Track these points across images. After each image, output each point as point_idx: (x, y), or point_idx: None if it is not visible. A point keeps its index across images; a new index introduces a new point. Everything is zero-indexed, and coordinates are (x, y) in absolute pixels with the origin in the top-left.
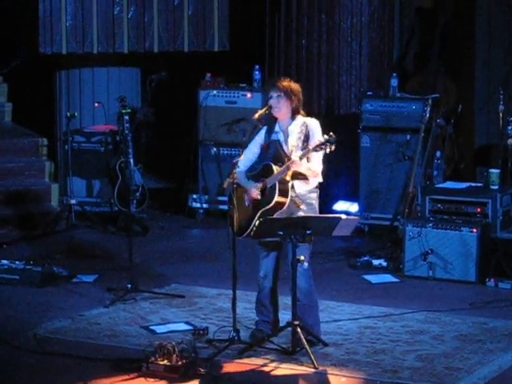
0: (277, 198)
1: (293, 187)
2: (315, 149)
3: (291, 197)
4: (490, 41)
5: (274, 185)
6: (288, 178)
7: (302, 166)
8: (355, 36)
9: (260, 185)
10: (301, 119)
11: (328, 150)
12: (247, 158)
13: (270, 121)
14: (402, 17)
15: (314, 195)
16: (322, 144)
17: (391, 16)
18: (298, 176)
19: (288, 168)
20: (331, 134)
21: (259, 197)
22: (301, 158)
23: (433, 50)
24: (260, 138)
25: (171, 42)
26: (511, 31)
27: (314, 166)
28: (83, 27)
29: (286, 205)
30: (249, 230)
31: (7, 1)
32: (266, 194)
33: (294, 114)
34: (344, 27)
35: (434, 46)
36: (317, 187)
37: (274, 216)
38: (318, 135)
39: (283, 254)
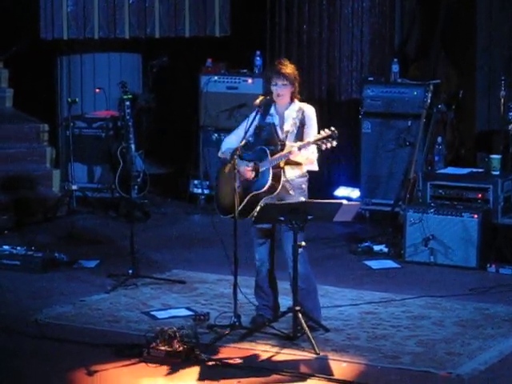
0: (270, 183)
1: (284, 172)
2: (316, 142)
3: (282, 181)
4: (492, 26)
5: (268, 169)
6: (282, 163)
7: (302, 156)
8: (356, 21)
9: (251, 165)
10: (297, 104)
11: (329, 146)
12: (239, 135)
13: (266, 102)
14: (403, 2)
15: (304, 179)
16: (324, 138)
17: (392, 1)
18: (292, 162)
19: (285, 157)
20: (333, 129)
21: (252, 176)
22: (299, 149)
23: (434, 36)
24: (248, 121)
25: (172, 27)
26: None
27: (310, 155)
28: (84, 13)
29: (278, 190)
30: (239, 210)
31: None
32: (259, 177)
33: (292, 98)
34: (345, 13)
35: (436, 32)
36: (307, 172)
37: (263, 200)
38: (313, 122)
39: (276, 239)
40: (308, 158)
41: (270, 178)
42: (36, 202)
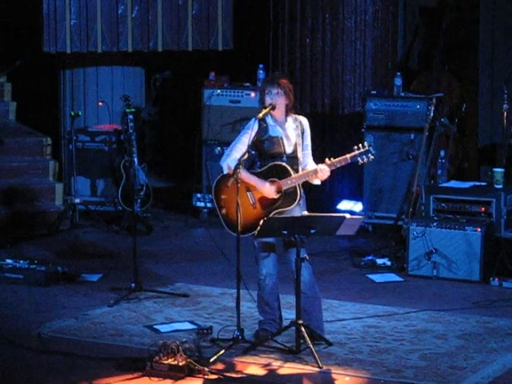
0: (297, 202)
1: None
2: (353, 158)
3: None
4: (494, 40)
5: (295, 188)
6: (303, 180)
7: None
8: (359, 35)
9: (273, 186)
10: (294, 117)
11: (365, 160)
12: (240, 150)
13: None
14: (405, 16)
15: (303, 192)
16: (363, 154)
17: (395, 15)
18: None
19: (315, 173)
20: (368, 143)
21: (277, 197)
22: (334, 166)
23: (437, 49)
24: (252, 131)
25: (175, 41)
26: None
27: None
28: (87, 26)
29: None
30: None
31: (11, 0)
32: (283, 195)
33: (287, 111)
34: (348, 26)
35: (438, 45)
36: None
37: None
38: (309, 134)
39: (279, 253)
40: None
41: (298, 198)
42: (39, 215)
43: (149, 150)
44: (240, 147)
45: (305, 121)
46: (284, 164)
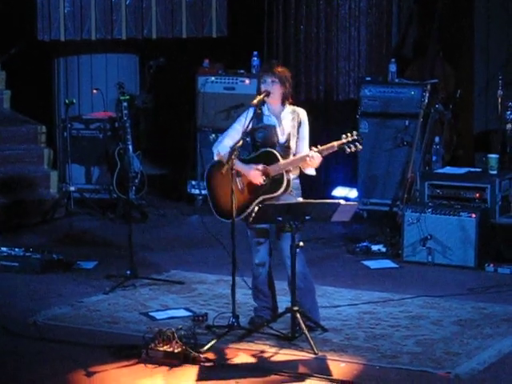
0: (284, 187)
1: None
2: (340, 146)
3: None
4: (489, 26)
5: (282, 175)
6: (291, 167)
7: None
8: (353, 22)
9: (260, 168)
10: (291, 107)
11: (353, 149)
12: (233, 138)
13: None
14: (400, 2)
15: (298, 181)
16: (350, 142)
17: (389, 1)
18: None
19: (302, 160)
20: (357, 133)
21: (263, 182)
22: (321, 153)
23: (431, 36)
24: (247, 119)
25: (169, 28)
26: (510, 16)
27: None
28: (81, 14)
29: (287, 192)
30: (246, 213)
31: None
32: (270, 181)
33: (284, 101)
34: (342, 13)
35: (433, 32)
36: (298, 174)
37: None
38: (307, 125)
39: (272, 240)
40: (318, 163)
41: (285, 184)
42: (34, 203)
43: (143, 137)
44: (232, 134)
45: (303, 113)
46: (274, 151)
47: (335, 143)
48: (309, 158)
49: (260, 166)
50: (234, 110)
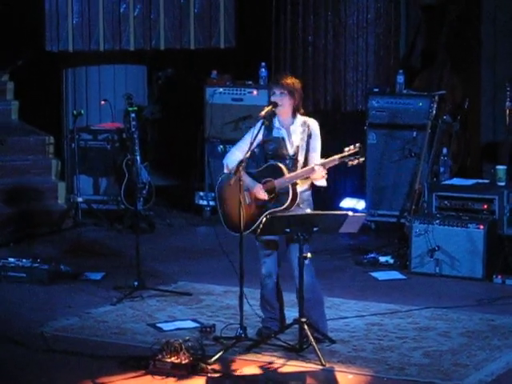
0: (289, 201)
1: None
2: (342, 159)
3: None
4: (496, 37)
5: (287, 188)
6: (299, 181)
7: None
8: (361, 33)
9: (263, 185)
10: (301, 118)
11: (355, 162)
12: (243, 150)
13: (269, 116)
14: (408, 13)
15: (310, 192)
16: (351, 155)
17: (397, 12)
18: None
19: (307, 173)
20: (358, 144)
21: (266, 198)
22: (324, 166)
23: (439, 47)
24: (255, 130)
25: (177, 39)
26: None
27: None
28: (89, 25)
29: (294, 206)
30: (254, 227)
31: None
32: (277, 195)
33: (295, 112)
34: (350, 24)
35: (441, 43)
36: (310, 186)
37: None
38: (319, 137)
39: (281, 251)
40: (324, 175)
41: (290, 198)
42: (41, 214)
43: (151, 148)
44: (242, 146)
45: (314, 124)
46: (279, 164)
47: (337, 156)
48: (312, 169)
49: (264, 183)
50: (242, 121)
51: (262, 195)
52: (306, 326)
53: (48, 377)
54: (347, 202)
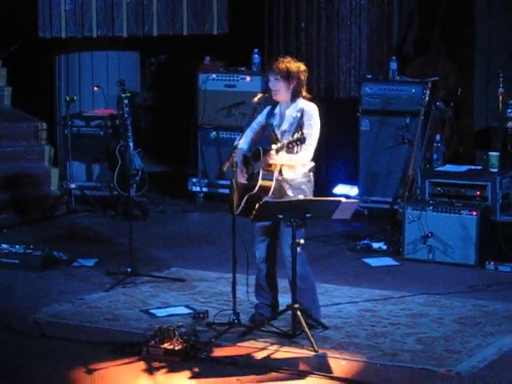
0: (260, 183)
1: (281, 172)
2: (287, 145)
3: (278, 181)
4: (490, 24)
5: (259, 171)
6: (273, 164)
7: (283, 158)
8: (354, 19)
9: (241, 168)
10: (300, 103)
11: (299, 149)
12: (248, 135)
13: (273, 102)
14: (401, 0)
15: (305, 180)
16: (294, 141)
17: None
18: (284, 164)
19: (266, 160)
20: (303, 132)
21: (244, 181)
22: (277, 151)
23: (433, 34)
24: (262, 119)
25: (170, 25)
26: (511, 14)
27: (298, 158)
28: (82, 11)
29: (272, 189)
30: (239, 210)
31: None
32: (253, 178)
33: (295, 96)
34: (343, 10)
35: (434, 30)
36: (309, 171)
37: (263, 200)
38: (312, 122)
39: (278, 238)
40: (293, 160)
41: (260, 179)
42: (34, 200)
43: (144, 134)
44: (247, 132)
45: (309, 109)
46: (260, 148)
47: (285, 141)
48: (268, 156)
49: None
50: (235, 107)
51: (240, 178)
52: (298, 312)
53: (41, 363)
54: (340, 189)
